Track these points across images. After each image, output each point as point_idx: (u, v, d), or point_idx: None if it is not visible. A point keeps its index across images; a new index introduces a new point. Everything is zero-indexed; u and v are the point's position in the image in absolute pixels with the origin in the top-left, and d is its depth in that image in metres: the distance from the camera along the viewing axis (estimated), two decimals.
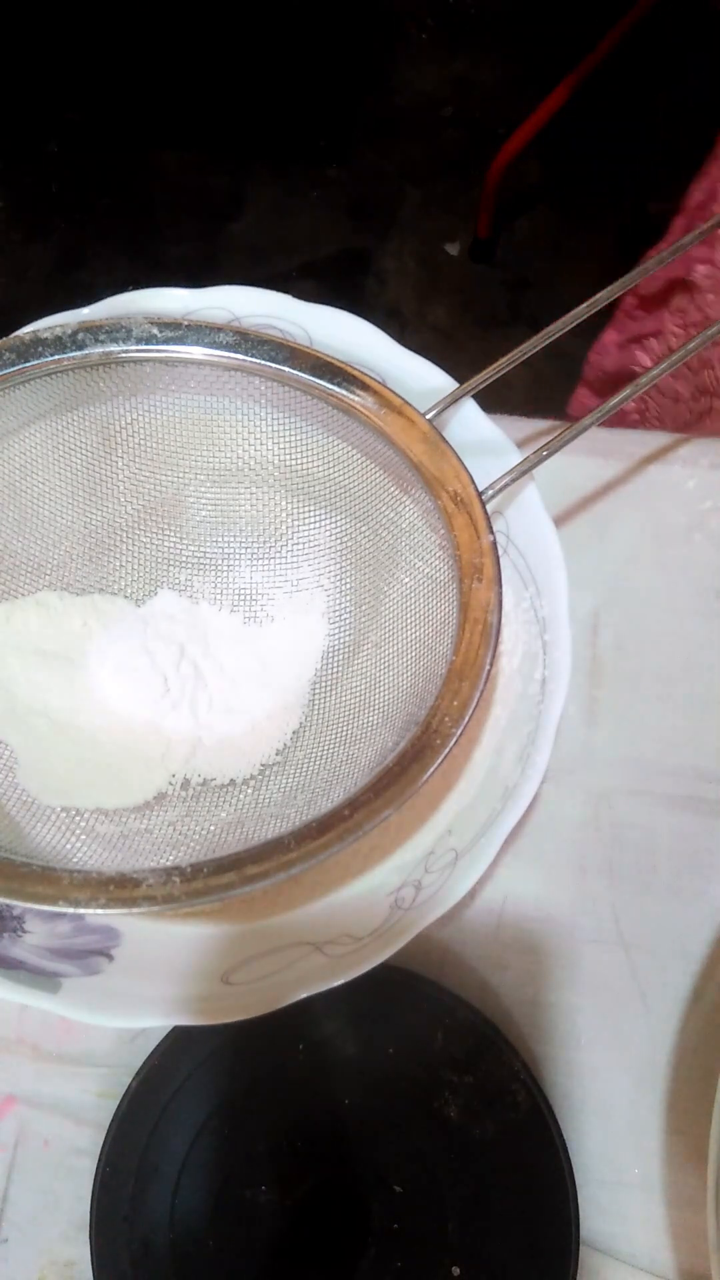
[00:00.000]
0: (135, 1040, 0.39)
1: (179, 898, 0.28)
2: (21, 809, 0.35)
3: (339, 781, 0.34)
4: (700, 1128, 0.36)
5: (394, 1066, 0.37)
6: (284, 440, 0.39)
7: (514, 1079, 0.37)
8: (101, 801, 0.37)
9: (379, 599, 0.39)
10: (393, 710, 0.35)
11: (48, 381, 0.36)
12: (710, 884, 0.40)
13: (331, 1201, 0.36)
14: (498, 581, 0.33)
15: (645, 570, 0.44)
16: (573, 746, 0.42)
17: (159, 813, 0.37)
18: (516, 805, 0.35)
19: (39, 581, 0.39)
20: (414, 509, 0.36)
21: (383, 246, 1.33)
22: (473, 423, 0.39)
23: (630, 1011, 0.39)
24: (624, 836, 0.41)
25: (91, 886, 0.29)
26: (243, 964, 0.36)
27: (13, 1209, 0.38)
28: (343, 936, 0.36)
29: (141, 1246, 0.35)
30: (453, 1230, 0.36)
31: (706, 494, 0.45)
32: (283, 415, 0.38)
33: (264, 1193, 0.36)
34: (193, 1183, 0.36)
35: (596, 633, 0.44)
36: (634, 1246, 0.37)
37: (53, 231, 1.34)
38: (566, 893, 0.40)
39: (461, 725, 0.31)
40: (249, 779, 0.38)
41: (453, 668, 0.32)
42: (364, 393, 0.35)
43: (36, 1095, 0.39)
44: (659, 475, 0.45)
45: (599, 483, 0.46)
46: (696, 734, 0.42)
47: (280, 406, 0.38)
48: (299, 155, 1.35)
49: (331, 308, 0.40)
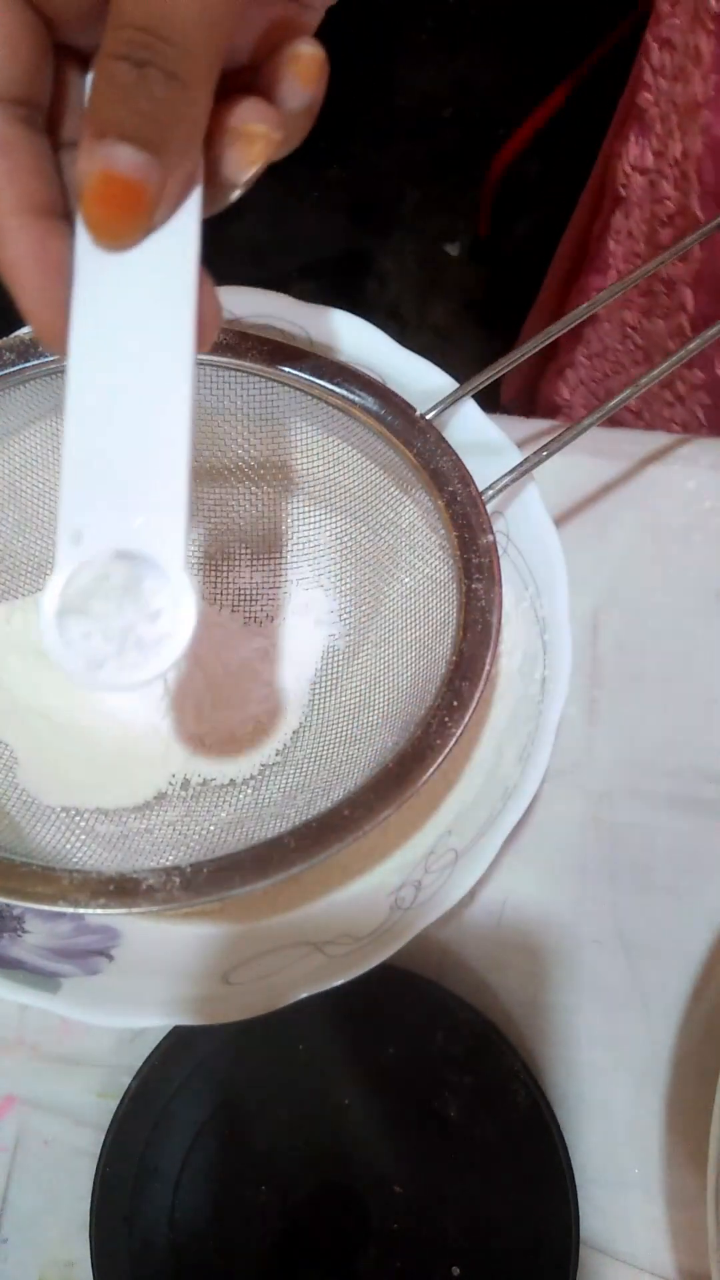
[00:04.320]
0: (135, 1040, 0.39)
1: (179, 898, 0.28)
2: (21, 809, 0.35)
3: (339, 781, 0.34)
4: (700, 1128, 0.36)
5: (394, 1066, 0.37)
6: (284, 440, 0.39)
7: (514, 1079, 0.37)
8: (101, 801, 0.37)
9: (379, 599, 0.39)
10: (393, 710, 0.35)
11: (48, 381, 0.35)
12: (710, 884, 0.40)
13: (331, 1201, 0.36)
14: (498, 581, 0.33)
15: (645, 570, 0.44)
16: (573, 746, 0.42)
17: (159, 813, 0.37)
18: (516, 805, 0.35)
19: (39, 581, 0.39)
20: (414, 509, 0.36)
21: (383, 246, 1.33)
22: (473, 423, 0.39)
23: (630, 1011, 0.39)
24: (624, 836, 0.41)
25: (91, 886, 0.29)
26: (243, 964, 0.36)
27: (13, 1209, 0.38)
28: (343, 936, 0.36)
29: (141, 1246, 0.35)
30: (453, 1230, 0.36)
31: (706, 494, 0.45)
32: (283, 415, 0.38)
33: (264, 1193, 0.36)
34: (193, 1183, 0.36)
35: (596, 633, 0.44)
36: (634, 1246, 0.37)
37: None
38: (566, 893, 0.40)
39: (461, 725, 0.31)
40: (249, 779, 0.38)
41: (452, 668, 0.32)
42: (364, 393, 0.35)
43: (36, 1095, 0.39)
44: (659, 475, 0.45)
45: (599, 483, 0.46)
46: (696, 734, 0.42)
47: (280, 407, 0.38)
48: (299, 155, 1.34)
49: (331, 308, 0.40)
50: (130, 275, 0.22)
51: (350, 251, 1.33)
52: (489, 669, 0.32)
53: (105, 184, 0.20)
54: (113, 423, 0.22)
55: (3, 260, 0.22)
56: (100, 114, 0.20)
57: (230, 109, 0.22)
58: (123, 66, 0.20)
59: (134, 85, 0.19)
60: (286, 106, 0.22)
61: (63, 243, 0.22)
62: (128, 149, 0.20)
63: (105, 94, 0.20)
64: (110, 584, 0.23)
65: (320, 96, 0.23)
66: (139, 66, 0.19)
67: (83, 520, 0.22)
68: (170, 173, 0.21)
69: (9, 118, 0.22)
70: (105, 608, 0.23)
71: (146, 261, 0.22)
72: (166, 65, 0.20)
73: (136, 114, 0.20)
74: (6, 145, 0.22)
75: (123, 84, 0.20)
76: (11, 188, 0.22)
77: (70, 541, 0.22)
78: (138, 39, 0.19)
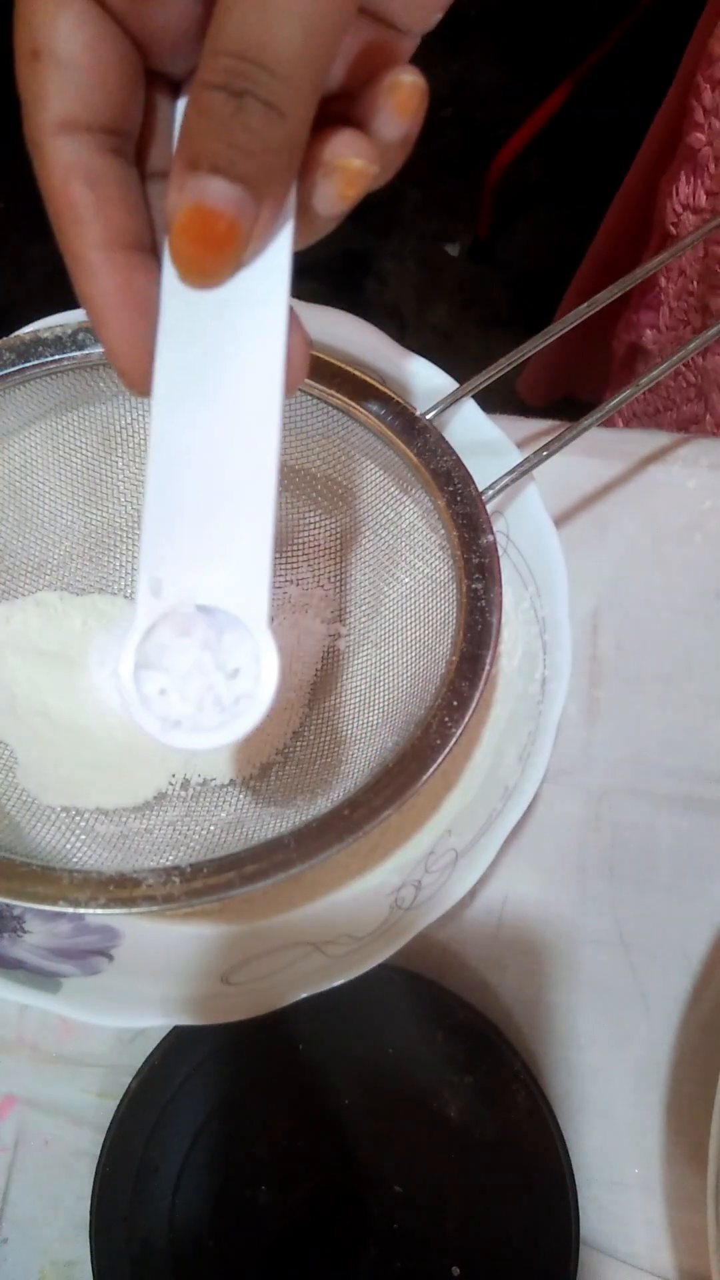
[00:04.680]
0: (135, 1040, 0.39)
1: (179, 898, 0.28)
2: (21, 809, 0.35)
3: (339, 781, 0.34)
4: (700, 1128, 0.36)
5: (394, 1066, 0.37)
6: (284, 440, 0.39)
7: (514, 1079, 0.37)
8: (101, 801, 0.37)
9: (379, 599, 0.39)
10: (393, 710, 0.35)
11: (48, 381, 0.35)
12: (710, 884, 0.40)
13: (331, 1201, 0.36)
14: (498, 581, 0.33)
15: (645, 570, 0.44)
16: (573, 746, 0.42)
17: (159, 813, 0.37)
18: (516, 805, 0.35)
19: (39, 581, 0.39)
20: (414, 509, 0.36)
21: (383, 246, 1.33)
22: (473, 423, 0.39)
23: (630, 1011, 0.39)
24: (624, 836, 0.41)
25: (91, 886, 0.29)
26: (243, 964, 0.36)
27: (13, 1209, 0.38)
28: (343, 936, 0.36)
29: (141, 1246, 0.35)
30: (453, 1230, 0.36)
31: (706, 494, 0.45)
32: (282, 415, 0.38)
33: (264, 1193, 0.36)
34: (193, 1183, 0.36)
35: (596, 633, 0.44)
36: (634, 1246, 0.37)
37: (53, 231, 1.34)
38: (566, 893, 0.40)
39: (461, 725, 0.31)
40: (249, 779, 0.38)
41: (452, 668, 0.32)
42: (364, 393, 0.35)
43: (36, 1095, 0.39)
44: (659, 475, 0.45)
45: (599, 483, 0.46)
46: (696, 734, 0.42)
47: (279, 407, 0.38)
48: None
49: (331, 308, 0.40)
50: (218, 314, 0.21)
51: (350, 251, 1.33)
52: (489, 669, 0.32)
53: (195, 218, 0.19)
54: (196, 470, 0.21)
55: (86, 296, 0.21)
56: (192, 145, 0.19)
57: (324, 141, 0.21)
58: (219, 96, 0.18)
59: (230, 116, 0.18)
60: (382, 138, 0.21)
61: (148, 279, 0.21)
62: (220, 182, 0.19)
63: (199, 124, 0.19)
64: (190, 639, 0.22)
65: (418, 128, 0.21)
66: (236, 96, 0.18)
67: (163, 571, 0.21)
68: (263, 208, 0.20)
69: (97, 147, 0.21)
70: (183, 663, 0.22)
71: (235, 299, 0.21)
72: (265, 95, 0.18)
73: (231, 146, 0.19)
74: (94, 176, 0.21)
75: (218, 114, 0.19)
76: (98, 221, 0.21)
77: (150, 592, 0.21)
78: (236, 67, 0.18)
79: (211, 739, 0.22)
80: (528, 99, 1.20)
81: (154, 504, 0.21)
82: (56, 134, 0.20)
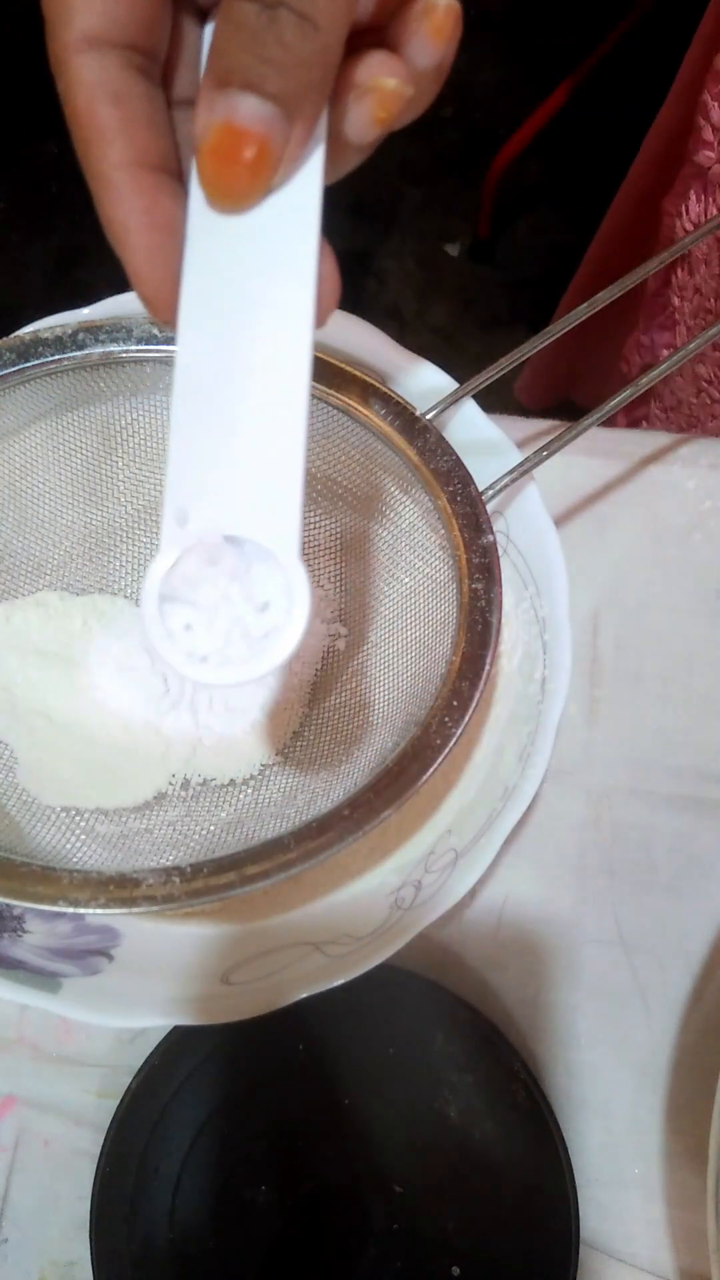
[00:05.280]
0: (135, 1040, 0.39)
1: (179, 898, 0.28)
2: (21, 809, 0.35)
3: (339, 781, 0.34)
4: (700, 1128, 0.35)
5: (394, 1066, 0.37)
6: None
7: (514, 1079, 0.37)
8: (101, 801, 0.37)
9: (379, 599, 0.39)
10: (393, 710, 0.35)
11: (48, 381, 0.35)
12: (710, 884, 0.40)
13: (331, 1201, 0.36)
14: (498, 581, 0.33)
15: (645, 570, 0.44)
16: (573, 746, 0.42)
17: (159, 813, 0.37)
18: (516, 805, 0.35)
19: (39, 581, 0.39)
20: (414, 509, 0.36)
21: (383, 246, 1.33)
22: (473, 423, 0.39)
23: (630, 1011, 0.39)
24: (624, 836, 0.41)
25: (91, 886, 0.29)
26: (243, 964, 0.36)
27: (13, 1209, 0.38)
28: (343, 936, 0.36)
29: (141, 1246, 0.35)
30: (453, 1230, 0.36)
31: (706, 494, 0.45)
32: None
33: (264, 1193, 0.36)
34: (193, 1183, 0.36)
35: (596, 633, 0.44)
36: (634, 1246, 0.37)
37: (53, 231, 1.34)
38: (566, 893, 0.40)
39: (461, 725, 0.31)
40: (249, 779, 0.38)
41: (452, 668, 0.32)
42: (364, 393, 0.35)
43: (36, 1095, 0.39)
44: (659, 475, 0.45)
45: (599, 483, 0.46)
46: (696, 734, 0.42)
47: None
48: None
49: None
50: (246, 241, 0.20)
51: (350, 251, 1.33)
52: (489, 669, 0.32)
53: (225, 137, 0.18)
54: (223, 399, 0.21)
55: (109, 219, 0.20)
56: (223, 61, 0.18)
57: (357, 63, 0.20)
58: (251, 8, 0.18)
59: (263, 29, 0.18)
60: (416, 64, 0.20)
61: (175, 202, 0.20)
62: (252, 99, 0.18)
63: (230, 38, 0.18)
64: (217, 571, 0.21)
65: (452, 55, 0.21)
66: (269, 8, 0.18)
67: (190, 501, 0.21)
68: (295, 128, 0.19)
69: (124, 65, 0.20)
70: (210, 596, 0.21)
71: (264, 227, 0.20)
72: (299, 7, 0.18)
73: (263, 61, 0.18)
74: (119, 95, 0.20)
75: (250, 28, 0.18)
76: (123, 139, 0.20)
77: (175, 523, 0.21)
78: None
79: (239, 673, 0.21)
80: (528, 99, 1.20)
81: (180, 434, 0.21)
82: (81, 50, 0.20)
